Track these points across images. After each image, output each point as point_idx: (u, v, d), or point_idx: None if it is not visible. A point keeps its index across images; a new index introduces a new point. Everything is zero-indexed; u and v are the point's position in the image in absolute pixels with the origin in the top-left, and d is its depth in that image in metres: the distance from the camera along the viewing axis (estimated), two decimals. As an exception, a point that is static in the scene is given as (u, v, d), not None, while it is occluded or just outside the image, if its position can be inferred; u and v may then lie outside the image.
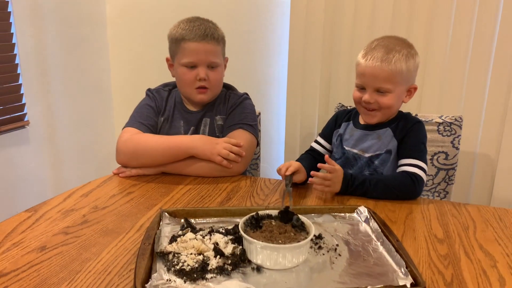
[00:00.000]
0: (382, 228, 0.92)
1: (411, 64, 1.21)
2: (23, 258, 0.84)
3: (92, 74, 2.33)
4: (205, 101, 1.48)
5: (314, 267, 0.81)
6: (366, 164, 1.29)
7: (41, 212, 1.04)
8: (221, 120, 1.50)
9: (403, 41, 1.25)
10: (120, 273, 0.79)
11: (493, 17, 1.77)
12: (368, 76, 1.21)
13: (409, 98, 1.29)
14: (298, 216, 0.88)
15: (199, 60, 1.39)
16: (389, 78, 1.20)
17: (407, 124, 1.26)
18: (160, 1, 2.24)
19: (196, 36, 1.38)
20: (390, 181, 1.17)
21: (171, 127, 1.49)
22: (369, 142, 1.29)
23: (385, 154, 1.26)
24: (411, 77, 1.25)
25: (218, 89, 1.50)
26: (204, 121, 1.50)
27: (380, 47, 1.21)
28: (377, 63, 1.19)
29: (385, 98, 1.22)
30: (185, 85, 1.44)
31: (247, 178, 1.32)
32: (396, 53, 1.19)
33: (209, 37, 1.39)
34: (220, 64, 1.45)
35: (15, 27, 1.87)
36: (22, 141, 1.96)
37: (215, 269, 0.77)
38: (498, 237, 0.96)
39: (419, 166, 1.19)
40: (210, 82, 1.42)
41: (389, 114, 1.27)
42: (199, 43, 1.38)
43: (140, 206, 1.09)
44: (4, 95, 1.86)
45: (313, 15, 1.98)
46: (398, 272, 0.79)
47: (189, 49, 1.39)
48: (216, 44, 1.42)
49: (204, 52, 1.39)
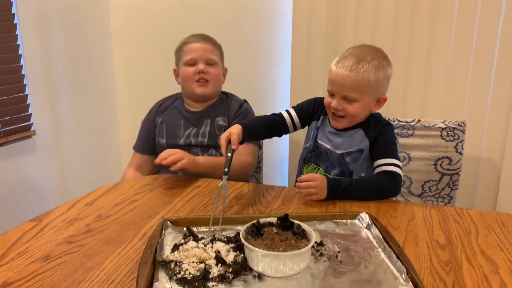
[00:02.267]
0: (384, 235, 0.93)
1: (381, 75, 1.22)
2: (28, 267, 0.85)
3: (97, 83, 2.35)
4: (206, 94, 1.60)
5: (315, 274, 0.81)
6: (337, 161, 1.31)
7: (46, 221, 1.05)
8: (222, 121, 1.60)
9: (376, 51, 1.26)
10: (123, 282, 0.80)
11: (495, 21, 1.76)
12: (336, 84, 1.24)
13: (378, 107, 1.30)
14: (299, 224, 0.89)
15: (198, 56, 1.58)
16: (356, 88, 1.21)
17: (378, 126, 1.29)
18: (164, 10, 2.27)
19: (195, 38, 1.62)
20: (374, 182, 1.21)
21: (172, 126, 1.62)
22: (341, 139, 1.32)
23: (357, 152, 1.29)
24: (380, 88, 1.25)
25: (217, 84, 1.62)
26: (205, 121, 1.60)
27: (352, 56, 1.22)
28: (346, 72, 1.20)
29: (351, 107, 1.24)
30: (187, 80, 1.60)
31: (249, 185, 1.32)
32: (366, 63, 1.20)
33: (206, 39, 1.62)
34: (218, 63, 1.63)
35: (21, 38, 1.90)
36: (29, 150, 1.98)
37: (216, 277, 0.78)
38: (500, 243, 0.96)
39: (395, 164, 1.23)
40: (210, 75, 1.59)
41: (355, 121, 1.30)
42: (198, 43, 1.60)
43: (143, 215, 1.10)
44: (11, 105, 1.89)
45: (315, 19, 1.99)
46: (399, 278, 0.79)
47: (189, 49, 1.60)
48: (213, 46, 1.63)
49: (202, 50, 1.59)
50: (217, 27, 2.19)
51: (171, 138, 1.61)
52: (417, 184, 1.64)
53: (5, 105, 1.86)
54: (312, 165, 1.38)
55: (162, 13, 2.28)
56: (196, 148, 1.59)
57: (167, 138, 1.62)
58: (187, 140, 1.59)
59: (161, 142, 1.62)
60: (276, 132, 1.39)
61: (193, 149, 1.59)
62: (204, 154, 1.58)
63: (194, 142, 1.59)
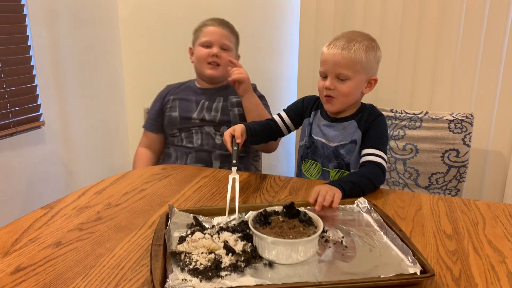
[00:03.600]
0: (385, 219, 0.94)
1: (371, 56, 1.26)
2: (40, 253, 0.87)
3: (105, 74, 2.37)
4: (215, 76, 1.65)
5: (324, 259, 0.82)
6: (332, 154, 1.33)
7: (57, 209, 1.07)
8: (235, 98, 1.66)
9: (366, 35, 1.30)
10: (133, 268, 0.82)
11: (504, 14, 1.75)
12: (329, 63, 1.27)
13: (369, 89, 1.32)
14: (305, 211, 0.90)
15: (214, 40, 1.62)
16: (349, 65, 1.24)
17: (370, 116, 1.31)
18: (172, 2, 2.27)
19: (214, 22, 1.66)
20: (370, 175, 1.20)
21: (185, 101, 1.67)
22: (334, 132, 1.33)
23: (350, 144, 1.30)
24: (371, 68, 1.29)
25: (226, 70, 1.63)
26: (218, 98, 1.67)
27: (343, 37, 1.28)
28: (338, 51, 1.25)
29: (344, 86, 1.27)
30: (200, 60, 1.65)
31: (256, 175, 1.33)
32: (356, 43, 1.25)
33: (225, 24, 1.66)
34: (232, 49, 1.67)
35: (31, 30, 1.92)
36: (38, 141, 2.00)
37: (228, 267, 0.78)
38: (507, 233, 0.96)
39: (382, 156, 1.25)
40: (222, 60, 1.62)
41: (348, 102, 1.31)
42: (216, 27, 1.64)
43: (152, 203, 1.11)
44: (21, 96, 1.91)
45: (323, 11, 1.99)
46: (405, 260, 0.80)
47: (207, 31, 1.64)
48: (230, 32, 1.66)
49: (219, 34, 1.63)
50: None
51: (184, 111, 1.65)
52: (424, 176, 1.64)
53: (14, 95, 1.88)
54: (309, 161, 1.39)
55: (170, 4, 2.28)
56: (209, 126, 1.63)
57: (180, 111, 1.66)
58: (200, 113, 1.63)
59: (173, 115, 1.66)
60: (272, 136, 1.42)
61: (206, 126, 1.63)
62: (216, 133, 1.62)
63: (208, 117, 1.62)
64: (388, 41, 1.92)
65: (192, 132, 1.64)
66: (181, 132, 1.65)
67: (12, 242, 0.91)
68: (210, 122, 1.63)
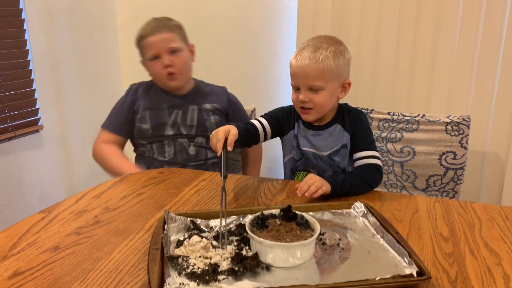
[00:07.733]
0: (381, 222, 0.94)
1: (340, 61, 1.23)
2: (37, 257, 0.87)
3: (103, 79, 2.37)
4: (179, 86, 1.58)
5: (320, 262, 0.83)
6: (327, 163, 1.31)
7: (55, 213, 1.07)
8: (209, 106, 1.60)
9: (331, 39, 1.27)
10: (131, 271, 0.82)
11: (501, 16, 1.76)
12: (299, 76, 1.24)
13: (345, 94, 1.30)
14: (302, 214, 0.90)
15: (159, 50, 1.53)
16: (319, 76, 1.22)
17: (353, 116, 1.31)
18: (170, 6, 2.27)
19: (151, 30, 1.54)
20: (365, 175, 1.21)
21: (156, 110, 1.58)
22: (323, 141, 1.31)
23: (342, 148, 1.29)
24: (343, 72, 1.26)
25: (187, 72, 1.59)
26: (191, 107, 1.59)
27: (308, 47, 1.24)
28: (306, 62, 1.22)
29: (318, 96, 1.24)
30: (157, 76, 1.58)
31: (254, 178, 1.33)
32: (323, 50, 1.22)
33: (161, 26, 1.54)
34: (181, 48, 1.56)
35: (29, 34, 1.92)
36: (36, 145, 2.01)
37: (226, 271, 0.78)
38: (504, 235, 0.97)
39: (377, 156, 1.26)
40: (176, 67, 1.54)
41: (325, 111, 1.29)
42: (155, 35, 1.53)
43: (150, 207, 1.11)
44: (19, 100, 1.91)
45: (320, 15, 2.00)
46: (401, 262, 0.81)
47: (148, 43, 1.54)
48: (169, 32, 1.54)
49: (161, 41, 1.53)
50: (223, 24, 2.20)
51: (156, 124, 1.57)
52: (422, 179, 1.65)
53: (13, 100, 1.88)
54: (301, 173, 1.36)
55: (168, 10, 2.28)
56: (183, 138, 1.57)
57: (152, 123, 1.57)
58: (174, 127, 1.57)
59: (144, 127, 1.57)
60: (252, 141, 1.32)
61: (179, 138, 1.57)
62: (190, 144, 1.57)
63: (184, 131, 1.57)
64: (385, 44, 1.93)
65: (164, 144, 1.57)
66: (151, 144, 1.58)
67: (10, 247, 0.91)
68: (185, 135, 1.58)
